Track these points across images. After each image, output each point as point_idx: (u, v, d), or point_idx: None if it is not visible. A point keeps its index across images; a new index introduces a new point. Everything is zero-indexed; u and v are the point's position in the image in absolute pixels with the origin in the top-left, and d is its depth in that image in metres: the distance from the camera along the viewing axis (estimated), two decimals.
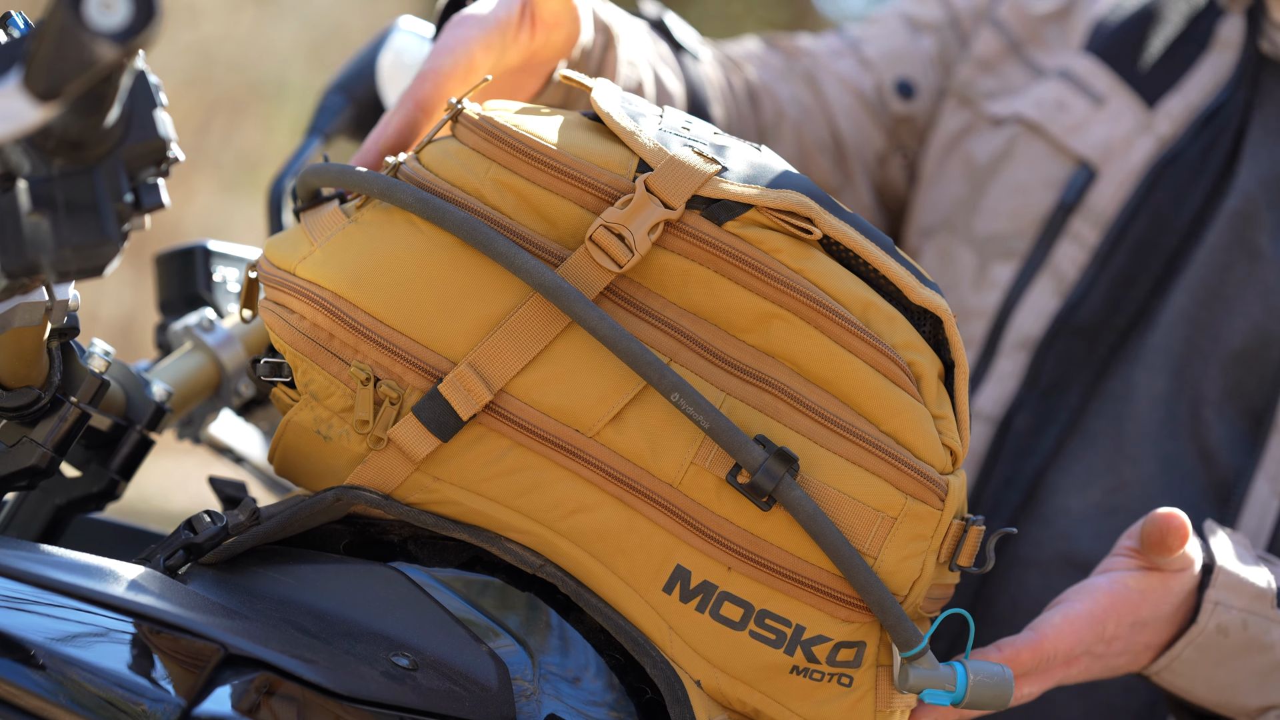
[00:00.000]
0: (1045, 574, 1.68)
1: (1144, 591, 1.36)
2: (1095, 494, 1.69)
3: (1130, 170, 1.76)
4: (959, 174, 1.85)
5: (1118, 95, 1.80)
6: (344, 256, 1.16)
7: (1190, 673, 1.39)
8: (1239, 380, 1.67)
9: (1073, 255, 1.76)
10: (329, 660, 1.09)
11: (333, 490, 1.15)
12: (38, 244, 0.94)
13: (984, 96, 1.87)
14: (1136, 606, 1.36)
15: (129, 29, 0.87)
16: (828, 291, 1.16)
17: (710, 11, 9.55)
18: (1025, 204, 1.79)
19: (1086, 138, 1.79)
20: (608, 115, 1.19)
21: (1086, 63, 1.83)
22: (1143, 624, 1.37)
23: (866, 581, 1.14)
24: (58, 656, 1.01)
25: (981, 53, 1.89)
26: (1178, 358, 1.70)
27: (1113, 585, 1.36)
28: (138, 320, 7.29)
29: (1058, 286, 1.75)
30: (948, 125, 1.88)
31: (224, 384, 1.47)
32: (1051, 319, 1.74)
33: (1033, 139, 1.81)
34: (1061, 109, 1.81)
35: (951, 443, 1.18)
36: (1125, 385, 1.71)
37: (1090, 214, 1.76)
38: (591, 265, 1.14)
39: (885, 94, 1.89)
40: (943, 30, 1.92)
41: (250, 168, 8.99)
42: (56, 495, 1.33)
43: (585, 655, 1.20)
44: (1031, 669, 1.32)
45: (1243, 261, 1.70)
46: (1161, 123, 1.77)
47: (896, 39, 1.92)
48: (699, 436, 1.14)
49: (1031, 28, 1.88)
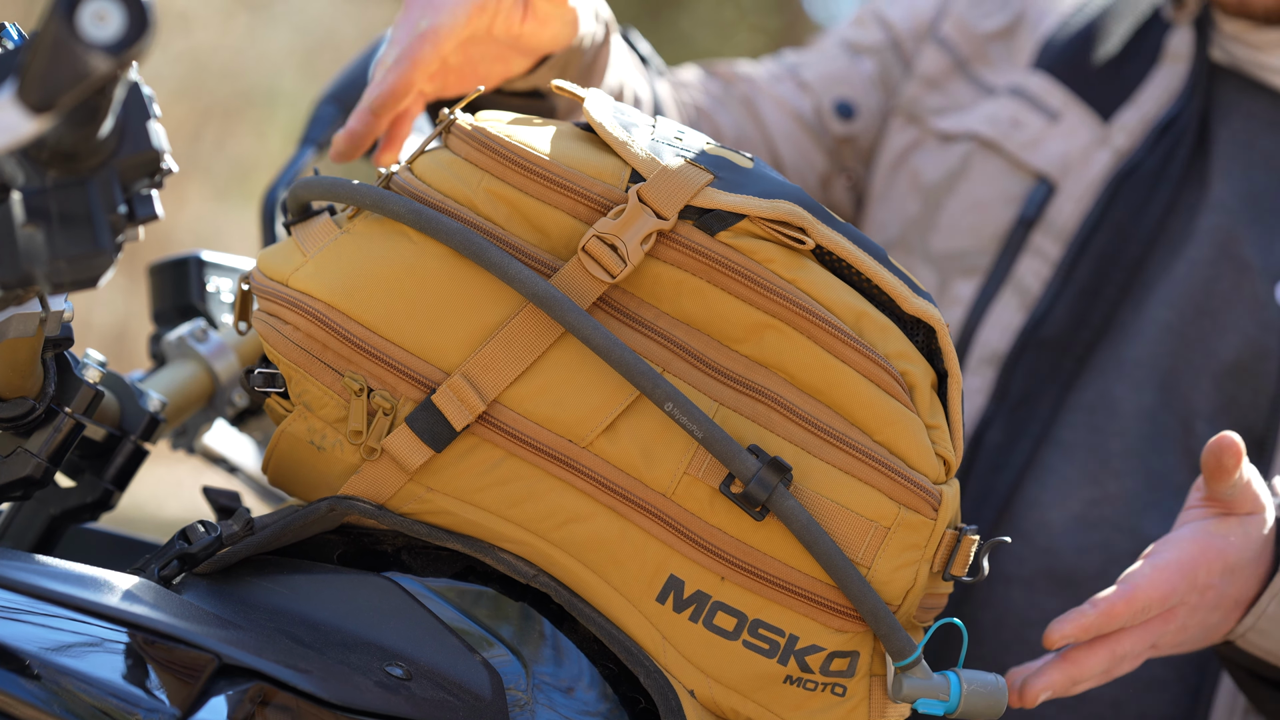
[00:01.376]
0: (1029, 589, 1.68)
1: (1226, 535, 1.35)
2: (1075, 505, 1.69)
3: (1089, 183, 1.77)
4: (908, 191, 1.86)
5: (1072, 110, 1.81)
6: (336, 267, 1.16)
7: (1275, 629, 1.38)
8: (1232, 395, 1.67)
9: (1036, 269, 1.76)
10: (323, 670, 1.09)
11: (326, 500, 1.16)
12: (32, 255, 0.94)
13: (931, 113, 1.88)
14: (1223, 551, 1.35)
15: (123, 41, 0.88)
16: (820, 301, 1.16)
17: (702, 18, 9.55)
18: (984, 220, 1.80)
19: (1043, 153, 1.80)
20: (600, 125, 1.19)
21: (1039, 80, 1.84)
22: (1231, 570, 1.35)
23: (860, 591, 1.14)
24: (52, 666, 1.01)
25: (927, 70, 1.90)
26: (1165, 371, 1.70)
27: (1195, 533, 1.35)
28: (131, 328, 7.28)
29: (1022, 301, 1.76)
30: (895, 142, 1.89)
31: (218, 394, 1.47)
32: (1018, 333, 1.74)
33: (989, 155, 1.82)
34: (1016, 126, 1.82)
35: (945, 452, 1.18)
36: (1100, 396, 1.71)
37: (1051, 228, 1.77)
38: (584, 275, 1.14)
39: (825, 116, 1.89)
40: (883, 52, 1.93)
41: (243, 175, 8.99)
42: (51, 505, 1.33)
43: (579, 665, 1.20)
44: (1128, 621, 1.31)
45: (1228, 275, 1.70)
46: (1118, 136, 1.78)
47: (835, 62, 1.93)
48: (692, 446, 1.14)
49: (977, 46, 1.89)
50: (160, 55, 7.73)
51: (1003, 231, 1.79)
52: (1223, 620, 1.38)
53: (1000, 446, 1.72)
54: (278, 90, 9.26)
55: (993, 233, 1.79)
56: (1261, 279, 1.68)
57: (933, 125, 1.87)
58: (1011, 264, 1.77)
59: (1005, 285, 1.77)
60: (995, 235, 1.79)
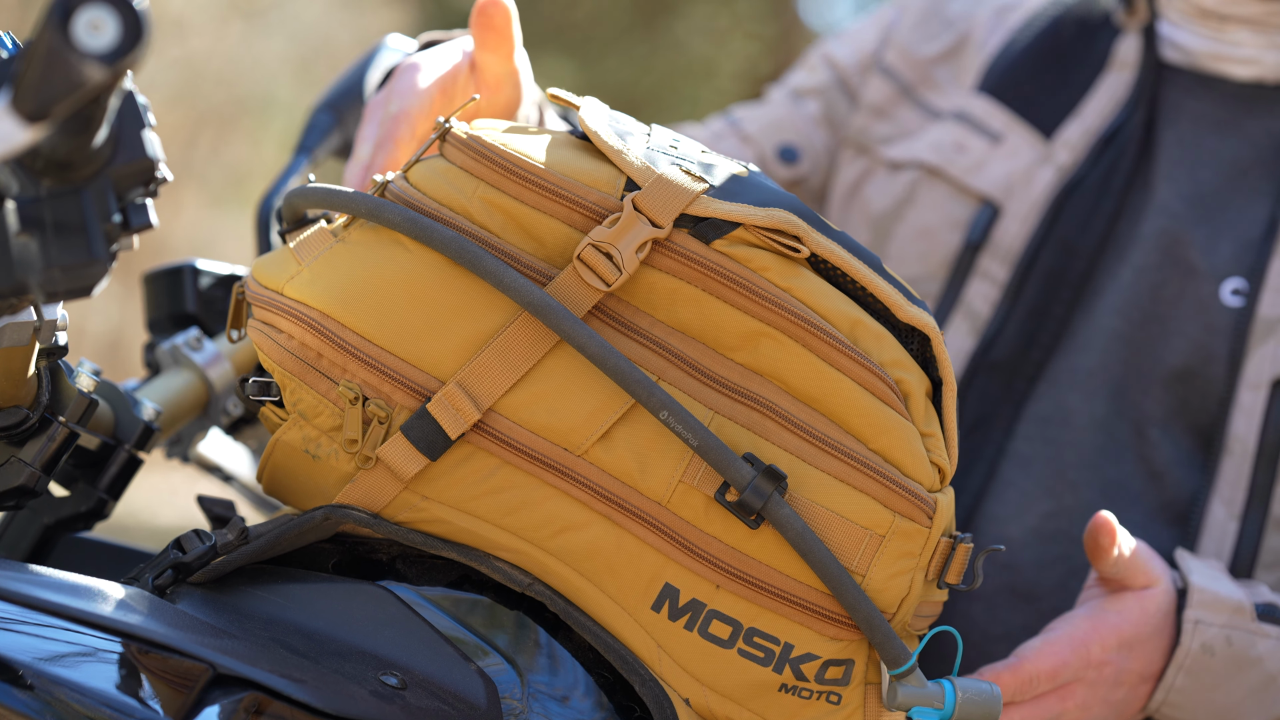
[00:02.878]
0: (990, 606, 1.68)
1: (1121, 611, 1.38)
2: (1032, 519, 1.69)
3: (1033, 203, 1.77)
4: (860, 223, 1.87)
5: (1014, 131, 1.81)
6: (331, 276, 1.16)
7: (1188, 702, 1.40)
8: (1183, 399, 1.67)
9: (984, 293, 1.77)
10: (318, 679, 1.09)
11: (321, 509, 1.15)
12: (26, 264, 0.94)
13: (879, 142, 1.89)
14: (1117, 626, 1.37)
15: (117, 50, 0.88)
16: (816, 309, 1.16)
17: (697, 25, 9.56)
18: (932, 247, 1.81)
19: (986, 176, 1.80)
20: (595, 133, 1.19)
21: (981, 103, 1.84)
22: (1128, 645, 1.37)
23: (855, 599, 1.14)
24: (46, 677, 1.01)
25: (873, 100, 1.91)
26: (1116, 380, 1.70)
27: (1089, 610, 1.39)
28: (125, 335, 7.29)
29: (972, 325, 1.76)
30: (846, 175, 1.90)
31: (212, 403, 1.47)
32: (968, 359, 1.75)
33: (934, 182, 1.83)
34: (960, 150, 1.82)
35: (939, 460, 1.18)
36: (1055, 408, 1.72)
37: (998, 250, 1.77)
38: (580, 284, 1.14)
39: (769, 163, 1.90)
40: (827, 91, 1.95)
41: (238, 182, 9.00)
42: (45, 515, 1.33)
43: (574, 674, 1.20)
44: (1015, 694, 1.33)
45: (1175, 280, 1.70)
46: (1060, 152, 1.78)
47: (778, 110, 1.96)
48: (687, 455, 1.14)
49: (921, 71, 1.90)
50: (155, 62, 7.75)
51: (950, 257, 1.79)
52: (1129, 697, 1.40)
53: (958, 472, 1.72)
54: (273, 97, 9.27)
55: (941, 259, 1.80)
56: (1206, 281, 1.68)
57: (881, 155, 1.89)
58: (960, 289, 1.78)
59: (955, 311, 1.77)
60: (943, 261, 1.80)
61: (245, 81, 9.09)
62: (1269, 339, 1.64)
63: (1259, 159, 1.72)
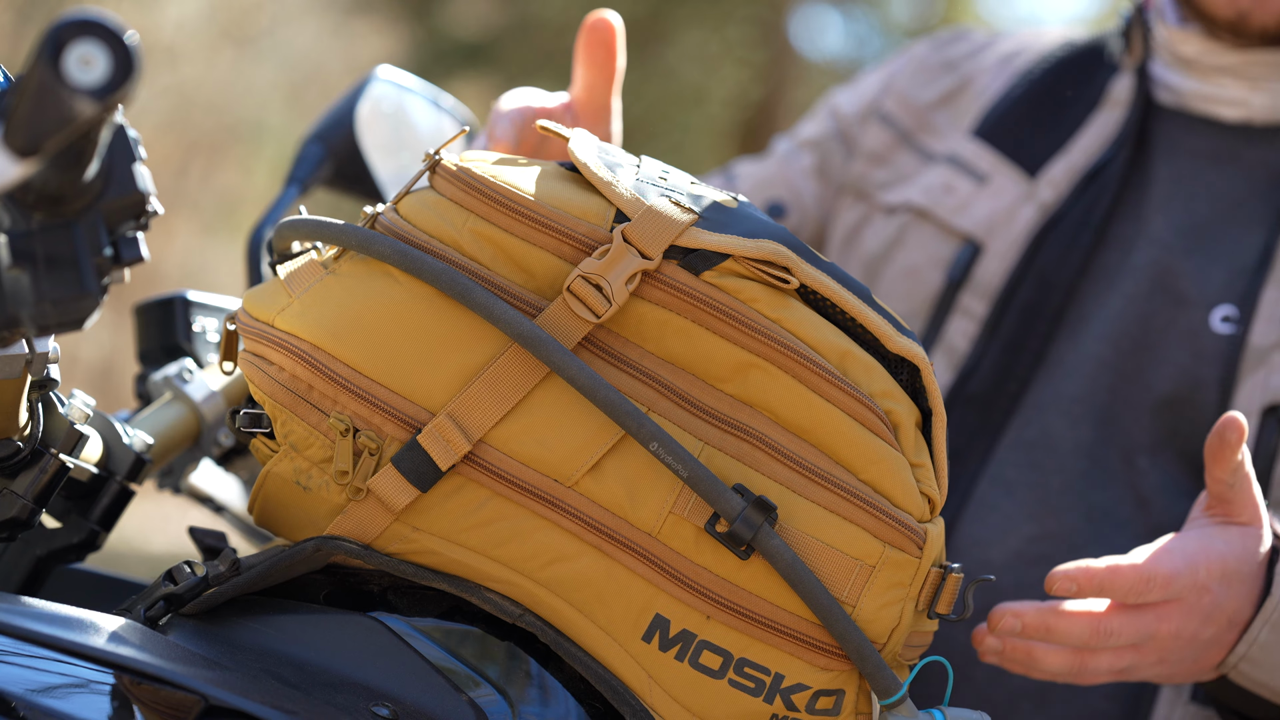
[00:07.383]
0: (973, 629, 1.69)
1: (1228, 541, 1.36)
2: (1015, 542, 1.69)
3: (1013, 240, 1.79)
4: (855, 266, 1.89)
5: (1000, 172, 1.84)
6: (322, 308, 1.16)
7: (1268, 659, 1.38)
8: (1173, 427, 1.68)
9: (964, 329, 1.78)
10: (309, 711, 1.09)
11: (313, 541, 1.15)
12: (17, 298, 0.95)
13: (877, 188, 1.92)
14: (1223, 555, 1.35)
15: (108, 85, 0.88)
16: (805, 340, 1.16)
17: (688, 52, 9.57)
18: (916, 286, 1.83)
19: (971, 215, 1.83)
20: (585, 165, 1.20)
21: (972, 146, 1.87)
22: (1228, 578, 1.35)
23: (845, 629, 1.14)
24: (39, 709, 1.01)
25: (872, 147, 1.94)
26: (1102, 407, 1.71)
27: (1200, 534, 1.37)
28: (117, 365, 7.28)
29: (950, 360, 1.77)
30: (845, 220, 1.93)
31: (204, 434, 1.47)
32: (946, 393, 1.76)
33: (922, 224, 1.85)
34: (948, 192, 1.85)
35: (929, 490, 1.18)
36: (1041, 434, 1.72)
37: (978, 287, 1.79)
38: (569, 315, 1.15)
39: None
40: (824, 143, 1.98)
41: (229, 209, 9.00)
42: (37, 546, 1.33)
43: (565, 704, 1.20)
44: (1130, 589, 1.31)
45: (1164, 309, 1.71)
46: (1044, 190, 1.80)
47: (769, 168, 1.99)
48: (677, 486, 1.14)
49: (919, 117, 1.93)
50: (147, 90, 7.75)
51: (933, 295, 1.82)
52: (1215, 639, 1.37)
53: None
54: (264, 125, 9.28)
55: (924, 297, 1.82)
56: (1196, 308, 1.69)
57: (879, 200, 1.91)
58: (941, 326, 1.80)
59: (935, 347, 1.79)
60: (927, 299, 1.82)
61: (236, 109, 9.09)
62: (1260, 367, 1.64)
63: (1254, 190, 1.74)
